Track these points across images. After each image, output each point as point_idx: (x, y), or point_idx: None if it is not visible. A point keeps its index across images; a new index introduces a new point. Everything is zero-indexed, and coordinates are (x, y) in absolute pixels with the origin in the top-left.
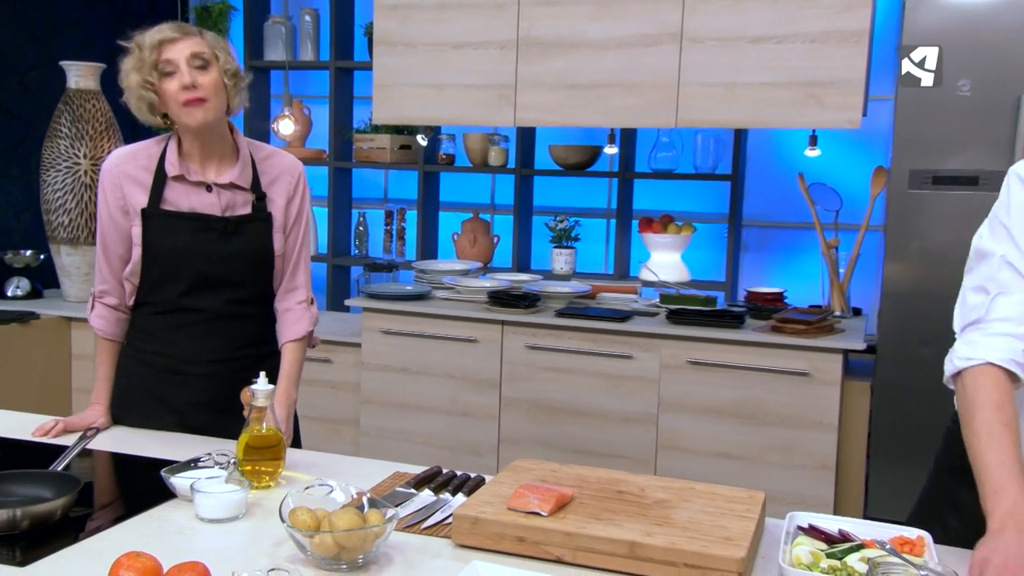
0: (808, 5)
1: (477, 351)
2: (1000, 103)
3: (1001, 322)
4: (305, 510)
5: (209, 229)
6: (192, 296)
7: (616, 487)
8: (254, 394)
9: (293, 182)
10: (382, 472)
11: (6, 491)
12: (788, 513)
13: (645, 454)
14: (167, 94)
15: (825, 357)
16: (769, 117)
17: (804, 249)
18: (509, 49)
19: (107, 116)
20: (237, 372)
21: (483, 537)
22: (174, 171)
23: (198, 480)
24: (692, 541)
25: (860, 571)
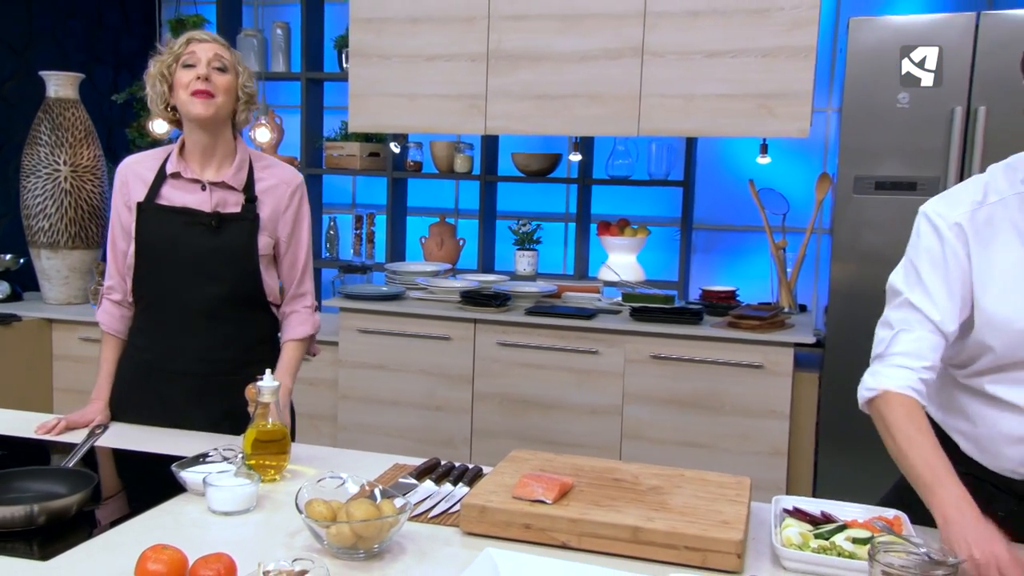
0: (760, 23)
1: (451, 348)
2: (935, 115)
3: (899, 355)
4: (321, 501)
5: (196, 223)
6: (177, 290)
7: (611, 475)
8: (260, 390)
9: (288, 191)
10: (382, 464)
11: (21, 487)
12: (774, 497)
13: (611, 444)
14: (180, 82)
15: (777, 351)
16: (724, 126)
17: (749, 250)
18: (480, 61)
19: (86, 124)
20: (219, 374)
21: (490, 525)
22: (172, 168)
23: (210, 474)
24: (691, 525)
25: (848, 550)
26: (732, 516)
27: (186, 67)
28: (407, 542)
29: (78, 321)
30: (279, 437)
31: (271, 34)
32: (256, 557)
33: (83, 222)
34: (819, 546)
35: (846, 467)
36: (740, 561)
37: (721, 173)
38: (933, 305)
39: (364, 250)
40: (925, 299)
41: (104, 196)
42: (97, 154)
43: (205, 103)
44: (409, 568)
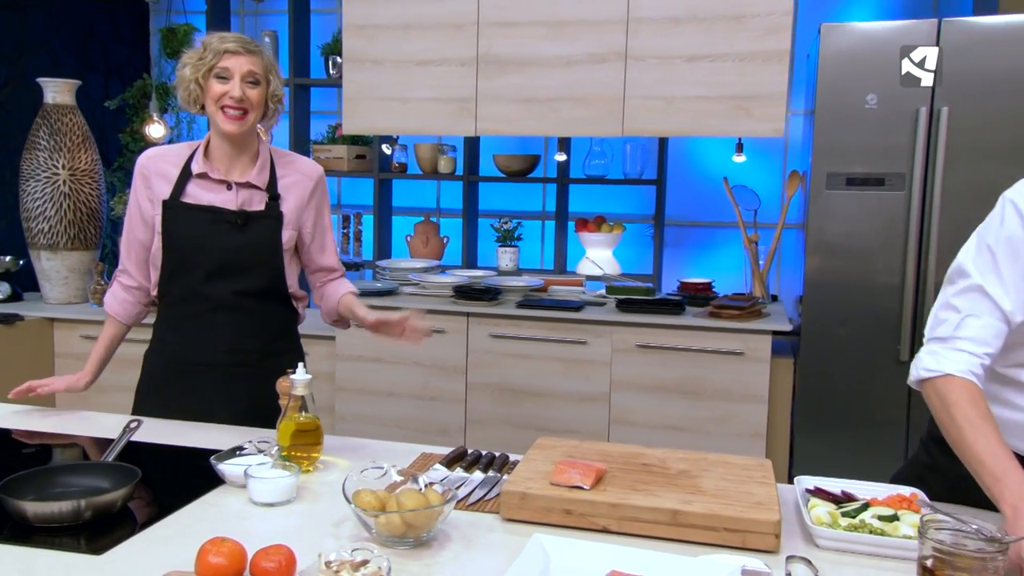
0: (737, 28)
1: (445, 341)
2: (901, 115)
3: (965, 340)
4: (368, 491)
5: (222, 221)
6: (205, 284)
7: (639, 460)
8: (293, 383)
9: (311, 184)
10: (410, 454)
11: (64, 482)
12: (796, 478)
13: (599, 429)
14: (212, 94)
15: (756, 338)
16: (704, 127)
17: (717, 244)
18: (469, 66)
19: (83, 129)
20: (243, 366)
21: (531, 511)
22: (198, 169)
23: (250, 466)
24: (728, 507)
25: (877, 527)
26: (765, 497)
27: (219, 79)
28: (451, 529)
29: (79, 320)
30: (312, 429)
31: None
32: (305, 547)
33: (82, 224)
34: (849, 524)
35: (820, 446)
36: (778, 541)
37: (690, 172)
38: (1005, 294)
39: (352, 248)
40: (998, 287)
41: (102, 199)
42: (94, 158)
43: (236, 123)
44: (458, 555)
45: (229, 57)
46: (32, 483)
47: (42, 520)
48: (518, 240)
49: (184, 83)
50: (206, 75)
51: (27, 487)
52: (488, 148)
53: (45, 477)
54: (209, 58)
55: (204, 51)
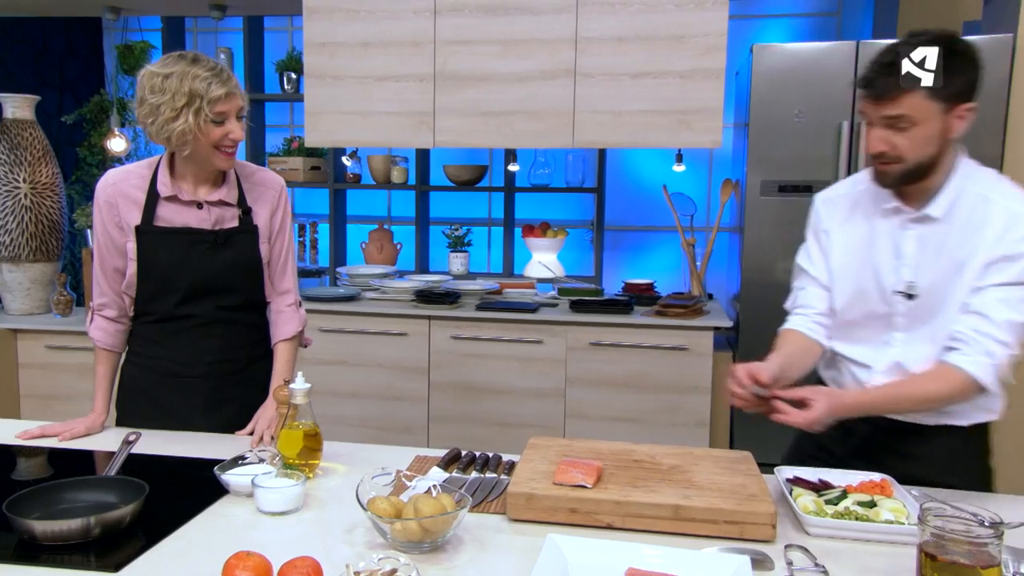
0: (678, 48)
1: (407, 343)
2: (826, 128)
3: (798, 307)
4: (382, 498)
5: (200, 242)
6: (186, 305)
7: (630, 457)
8: (292, 392)
9: (276, 196)
10: (405, 457)
11: (70, 498)
12: (775, 468)
13: (555, 422)
14: (212, 138)
15: (700, 334)
16: (648, 138)
17: (651, 247)
18: (427, 81)
19: (43, 144)
20: (232, 373)
21: (537, 511)
22: (167, 191)
23: (257, 476)
24: (726, 500)
25: (862, 513)
26: (757, 489)
27: (215, 124)
28: (461, 532)
29: (42, 330)
30: (312, 436)
31: (215, 58)
32: (322, 556)
33: (43, 236)
34: (835, 512)
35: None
36: (774, 531)
37: (625, 180)
38: (811, 264)
39: (308, 255)
40: (808, 261)
41: (62, 211)
42: (55, 171)
43: (231, 159)
44: (474, 558)
45: (223, 103)
46: (37, 500)
47: (51, 538)
48: (468, 246)
49: (174, 132)
50: (206, 121)
51: (32, 504)
52: (438, 159)
53: (50, 494)
54: (203, 106)
55: (192, 98)
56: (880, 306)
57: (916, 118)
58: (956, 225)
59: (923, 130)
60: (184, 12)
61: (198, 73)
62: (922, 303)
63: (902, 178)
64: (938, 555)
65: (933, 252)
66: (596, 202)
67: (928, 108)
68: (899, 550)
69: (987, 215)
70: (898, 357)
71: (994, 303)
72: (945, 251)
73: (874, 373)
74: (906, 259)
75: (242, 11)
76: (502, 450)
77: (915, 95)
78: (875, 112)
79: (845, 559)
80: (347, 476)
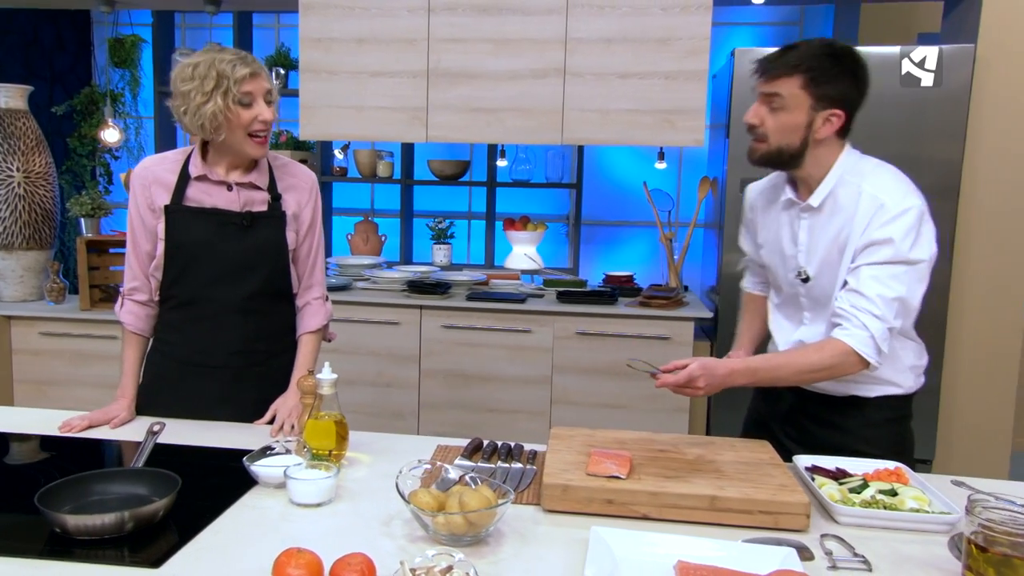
0: (663, 50)
1: (399, 332)
2: None
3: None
4: (424, 491)
5: (228, 224)
6: (212, 287)
7: (654, 446)
8: (320, 383)
9: (307, 189)
10: (427, 446)
11: (100, 490)
12: (794, 457)
13: (542, 409)
14: (241, 121)
15: (680, 325)
16: (634, 136)
17: (624, 241)
18: (421, 78)
19: (36, 133)
20: (251, 366)
21: (572, 502)
22: (197, 172)
23: (289, 467)
24: (759, 490)
25: (888, 502)
26: (786, 479)
27: (242, 105)
28: (500, 524)
29: (36, 317)
30: (339, 427)
31: None
32: (362, 548)
33: (37, 224)
34: (863, 501)
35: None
36: (808, 521)
37: (599, 177)
38: (745, 243)
39: None
40: (744, 242)
41: (55, 200)
42: (48, 161)
43: (263, 145)
44: (519, 551)
45: (249, 82)
46: (67, 493)
47: (84, 533)
48: (451, 238)
49: (205, 116)
50: (234, 103)
51: (63, 497)
52: (422, 154)
53: (79, 486)
54: (232, 86)
55: (220, 79)
56: (789, 288)
57: (787, 102)
58: (834, 214)
59: (791, 117)
60: (179, 7)
61: (224, 57)
62: (814, 285)
63: (764, 158)
64: (989, 548)
65: (818, 239)
66: (576, 197)
67: (799, 97)
68: (929, 538)
69: (858, 204)
70: (810, 332)
71: (867, 280)
72: (827, 238)
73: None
74: (800, 246)
75: (236, 6)
76: (492, 435)
77: (791, 80)
78: (759, 88)
79: (879, 547)
80: (373, 466)
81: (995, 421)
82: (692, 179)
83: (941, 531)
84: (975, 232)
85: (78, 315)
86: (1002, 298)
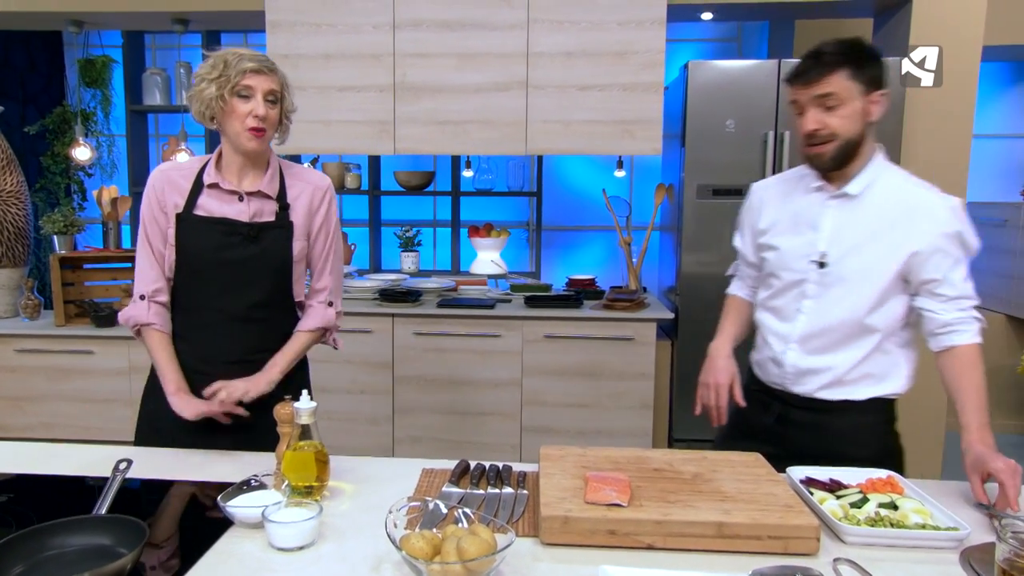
0: (620, 63)
1: (372, 340)
2: (754, 136)
3: (736, 278)
4: (418, 536)
5: (235, 234)
6: (215, 297)
7: (648, 465)
8: (298, 412)
9: (319, 194)
10: (412, 470)
11: (58, 544)
12: (787, 469)
13: (513, 410)
14: (236, 113)
15: (643, 326)
16: (595, 146)
17: (581, 245)
18: (387, 92)
19: (7, 152)
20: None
21: (573, 534)
22: (210, 180)
23: (267, 507)
24: (767, 513)
25: (895, 518)
26: (790, 499)
27: (241, 97)
28: None
29: (11, 334)
30: (321, 458)
31: (174, 72)
32: None
33: (10, 243)
34: (868, 519)
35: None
36: (818, 544)
37: (556, 185)
38: (743, 244)
39: None
40: (740, 243)
41: (27, 218)
42: (19, 180)
43: (258, 140)
44: None
45: (251, 76)
46: (20, 549)
47: None
48: (419, 245)
49: (205, 100)
50: (230, 93)
51: (15, 553)
52: (388, 166)
53: (34, 540)
54: (232, 76)
55: (225, 68)
56: (793, 275)
57: (843, 95)
58: (872, 203)
59: (850, 108)
60: (147, 27)
61: (235, 51)
62: (831, 271)
63: (836, 155)
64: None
65: (847, 226)
66: (536, 204)
67: (851, 88)
68: (939, 556)
69: (905, 201)
70: (807, 324)
71: (959, 283)
72: (859, 225)
73: (790, 343)
74: (822, 232)
75: (203, 26)
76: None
77: (839, 74)
78: (806, 94)
79: (891, 569)
80: (356, 497)
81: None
82: (644, 185)
83: (951, 548)
84: None
85: (53, 331)
86: None
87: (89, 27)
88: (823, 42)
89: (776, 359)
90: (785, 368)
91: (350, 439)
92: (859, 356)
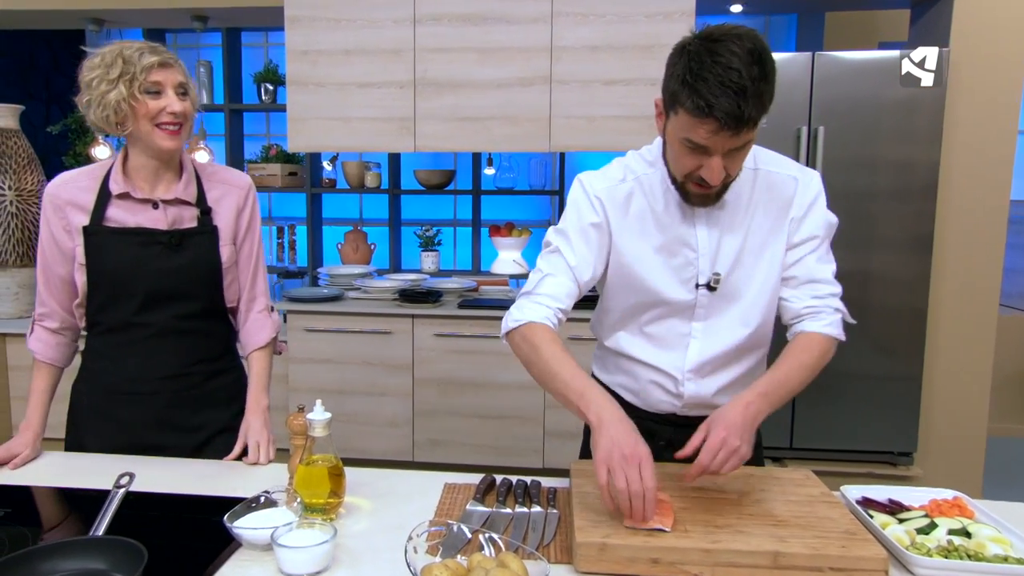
0: (647, 57)
1: (391, 341)
2: (787, 132)
3: (543, 296)
4: (441, 567)
5: (154, 243)
6: (142, 313)
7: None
8: (311, 424)
9: (242, 195)
10: (433, 484)
11: (50, 568)
12: (842, 487)
13: (535, 413)
14: (147, 111)
15: None
16: (620, 142)
17: None
18: (408, 88)
19: (28, 152)
20: (188, 389)
21: (611, 563)
22: (118, 189)
23: (277, 529)
24: (827, 542)
25: (970, 549)
26: (850, 524)
27: (150, 94)
28: None
29: None
30: (334, 472)
31: (195, 71)
32: None
33: (30, 242)
34: (939, 548)
35: None
36: None
37: None
38: (572, 253)
39: (288, 256)
40: (569, 249)
41: None
42: (40, 179)
43: (175, 137)
44: None
45: (159, 71)
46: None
47: None
48: (439, 245)
49: (111, 105)
50: (138, 91)
51: None
52: (409, 164)
53: (24, 566)
54: (138, 73)
55: (126, 65)
56: (671, 305)
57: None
58: (733, 204)
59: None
60: (166, 24)
61: (131, 45)
62: (723, 287)
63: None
64: None
65: (720, 235)
66: (558, 203)
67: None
68: None
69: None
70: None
71: (815, 266)
72: (732, 231)
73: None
74: (701, 250)
75: (222, 23)
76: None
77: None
78: (727, 144)
79: None
80: (374, 515)
81: (971, 408)
82: None
83: None
84: (952, 230)
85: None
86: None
87: (110, 25)
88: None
89: (668, 390)
90: (684, 399)
91: (369, 442)
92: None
